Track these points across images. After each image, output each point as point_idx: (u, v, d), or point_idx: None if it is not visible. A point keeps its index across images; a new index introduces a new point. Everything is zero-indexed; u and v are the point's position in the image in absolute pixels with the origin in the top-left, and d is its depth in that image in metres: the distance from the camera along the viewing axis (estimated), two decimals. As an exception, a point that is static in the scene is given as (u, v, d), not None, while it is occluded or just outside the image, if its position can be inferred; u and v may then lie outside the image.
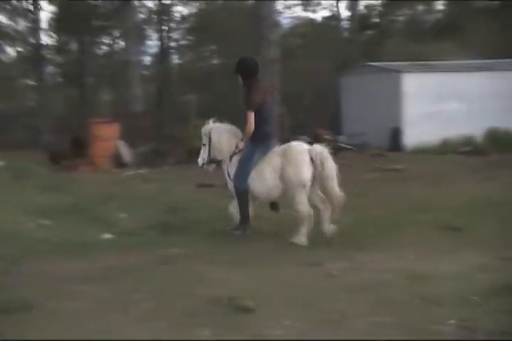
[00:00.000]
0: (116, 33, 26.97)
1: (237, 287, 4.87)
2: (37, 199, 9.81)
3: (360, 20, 25.70)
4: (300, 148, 6.65)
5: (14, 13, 24.43)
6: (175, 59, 28.03)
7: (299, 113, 17.99)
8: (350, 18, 26.29)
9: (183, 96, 19.93)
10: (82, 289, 4.98)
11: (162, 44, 25.90)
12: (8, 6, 24.12)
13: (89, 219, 7.81)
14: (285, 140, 14.15)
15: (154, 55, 26.85)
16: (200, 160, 7.18)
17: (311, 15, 29.61)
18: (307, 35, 25.95)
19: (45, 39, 25.75)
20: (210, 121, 7.09)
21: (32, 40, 24.77)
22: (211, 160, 7.09)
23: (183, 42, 29.40)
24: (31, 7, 24.05)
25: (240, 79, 6.74)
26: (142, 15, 26.78)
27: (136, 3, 22.86)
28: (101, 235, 7.10)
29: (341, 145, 15.36)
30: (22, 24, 25.09)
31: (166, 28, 26.45)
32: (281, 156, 6.52)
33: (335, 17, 27.46)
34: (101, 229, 7.27)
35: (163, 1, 25.88)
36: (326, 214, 6.61)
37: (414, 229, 7.12)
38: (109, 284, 5.09)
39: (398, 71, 16.89)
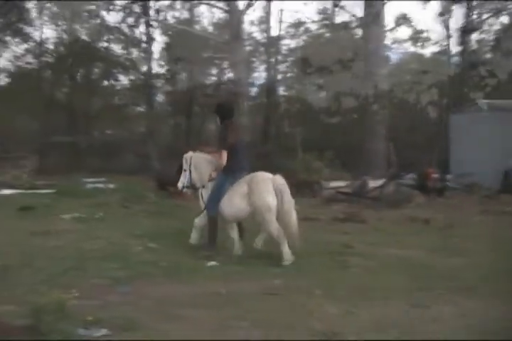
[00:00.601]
0: (225, 65, 27.85)
1: (341, 322, 4.81)
2: (145, 222, 10.18)
3: (472, 56, 25.04)
4: (264, 176, 7.40)
5: (128, 43, 25.77)
6: (281, 91, 28.44)
7: (407, 150, 17.63)
8: (461, 54, 25.68)
9: (288, 128, 20.12)
10: (187, 313, 5.06)
11: (269, 76, 26.37)
12: (122, 37, 25.50)
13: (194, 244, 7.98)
14: (391, 177, 14.07)
15: (261, 87, 27.36)
16: (180, 184, 8.14)
17: (420, 50, 29.04)
18: (416, 71, 25.57)
19: (156, 68, 26.98)
20: (190, 152, 8.18)
21: (144, 69, 26.04)
22: (190, 185, 8.05)
23: (289, 75, 29.91)
24: (144, 37, 25.35)
25: (218, 120, 7.76)
26: (250, 47, 27.53)
27: (245, 35, 23.51)
28: (206, 262, 7.19)
29: (449, 184, 14.89)
30: (135, 53, 26.43)
31: (273, 60, 26.94)
32: (248, 184, 7.32)
33: (445, 52, 26.94)
34: (206, 256, 7.37)
35: (271, 34, 26.43)
36: (284, 244, 7.33)
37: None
38: (214, 310, 5.15)
39: (512, 109, 16.21)
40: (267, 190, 7.21)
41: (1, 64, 25.92)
